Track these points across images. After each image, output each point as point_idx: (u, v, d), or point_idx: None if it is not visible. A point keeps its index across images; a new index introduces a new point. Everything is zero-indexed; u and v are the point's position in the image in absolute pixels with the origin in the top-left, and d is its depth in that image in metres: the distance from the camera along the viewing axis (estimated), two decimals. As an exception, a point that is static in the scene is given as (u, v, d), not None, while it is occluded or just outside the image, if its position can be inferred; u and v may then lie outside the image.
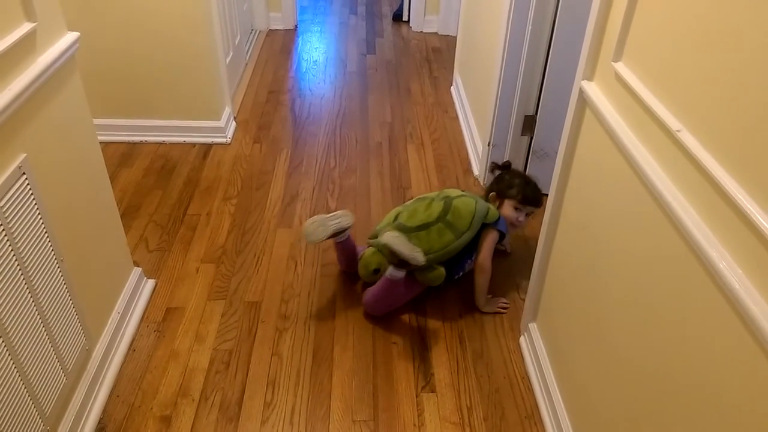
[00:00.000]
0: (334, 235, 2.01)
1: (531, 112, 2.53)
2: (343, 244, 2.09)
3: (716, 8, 0.93)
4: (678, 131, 1.02)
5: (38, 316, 1.38)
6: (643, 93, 1.14)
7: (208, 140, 2.99)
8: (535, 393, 1.78)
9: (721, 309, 0.90)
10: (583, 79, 1.43)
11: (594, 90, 1.38)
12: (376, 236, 2.06)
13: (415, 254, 1.84)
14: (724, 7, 0.90)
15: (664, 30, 1.09)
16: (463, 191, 2.11)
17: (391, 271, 1.92)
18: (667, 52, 1.08)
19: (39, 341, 1.38)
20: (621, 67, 1.25)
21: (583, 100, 1.44)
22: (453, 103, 3.47)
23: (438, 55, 4.14)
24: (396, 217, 2.07)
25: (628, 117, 1.23)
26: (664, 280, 1.07)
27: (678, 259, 1.02)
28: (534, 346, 1.83)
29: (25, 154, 1.32)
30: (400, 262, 1.88)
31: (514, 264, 2.28)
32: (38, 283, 1.37)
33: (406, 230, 1.97)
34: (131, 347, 1.89)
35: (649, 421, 1.13)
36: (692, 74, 0.99)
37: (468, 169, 2.86)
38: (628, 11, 1.21)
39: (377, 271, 2.02)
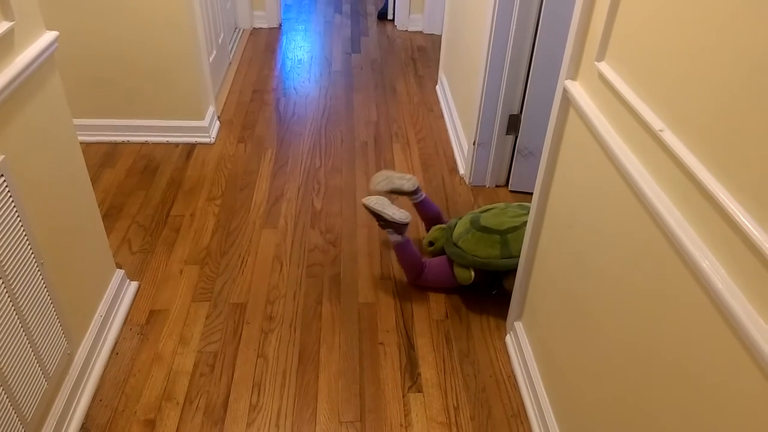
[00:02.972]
0: (394, 192, 2.19)
1: (516, 111, 2.54)
2: (421, 206, 2.26)
3: (698, 8, 0.93)
4: (661, 131, 1.02)
5: (18, 320, 1.35)
6: (626, 92, 1.15)
7: (192, 140, 2.96)
8: (521, 391, 1.78)
9: (705, 307, 0.90)
10: (566, 79, 1.43)
11: (578, 89, 1.39)
12: (454, 225, 2.10)
13: (396, 216, 1.95)
14: (706, 7, 0.91)
15: (646, 30, 1.09)
16: None
17: (390, 237, 2.03)
18: (649, 51, 1.08)
19: (18, 345, 1.36)
20: (604, 67, 1.25)
21: (567, 100, 1.44)
22: (438, 102, 3.47)
23: (423, 54, 4.14)
24: (487, 210, 2.07)
25: (612, 116, 1.23)
26: (648, 279, 1.08)
27: (662, 258, 1.02)
28: (520, 345, 1.84)
29: (2, 156, 1.30)
30: (387, 224, 1.99)
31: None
32: (17, 286, 1.35)
33: (475, 225, 2.00)
34: (114, 351, 1.87)
35: (634, 418, 1.14)
36: (675, 74, 1.00)
37: (453, 169, 2.86)
38: (611, 11, 1.21)
39: (431, 244, 2.20)
